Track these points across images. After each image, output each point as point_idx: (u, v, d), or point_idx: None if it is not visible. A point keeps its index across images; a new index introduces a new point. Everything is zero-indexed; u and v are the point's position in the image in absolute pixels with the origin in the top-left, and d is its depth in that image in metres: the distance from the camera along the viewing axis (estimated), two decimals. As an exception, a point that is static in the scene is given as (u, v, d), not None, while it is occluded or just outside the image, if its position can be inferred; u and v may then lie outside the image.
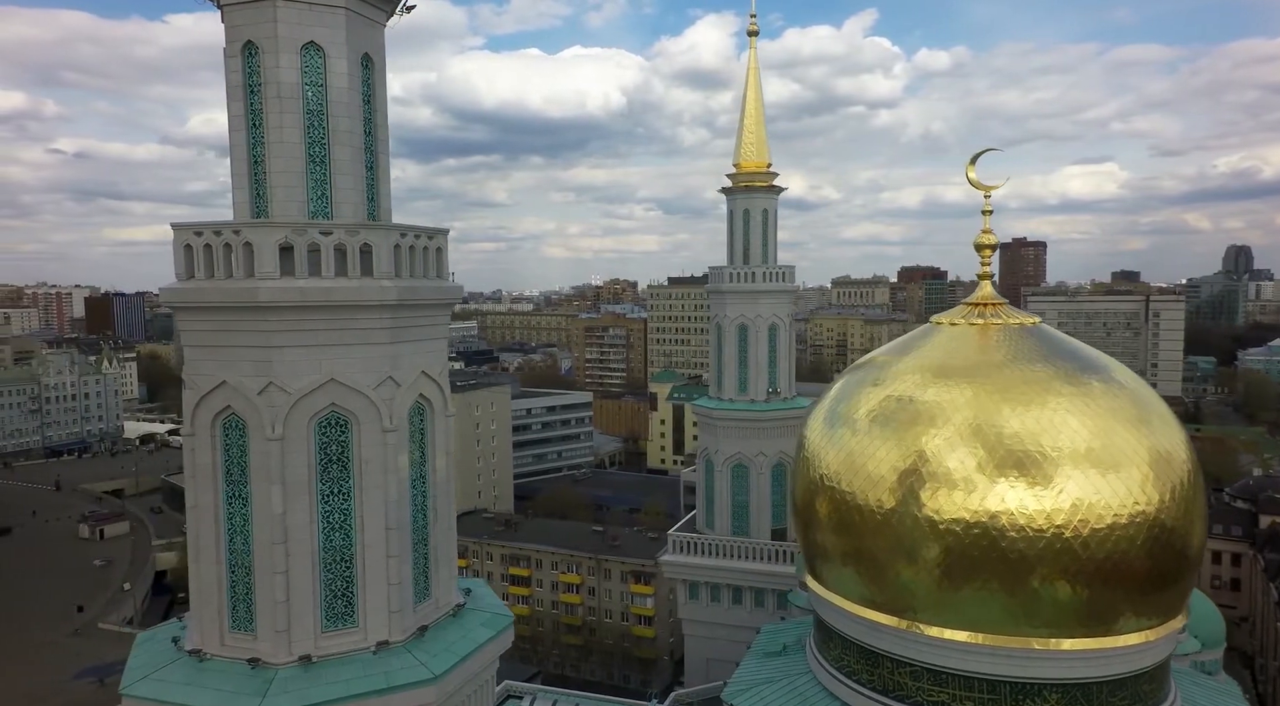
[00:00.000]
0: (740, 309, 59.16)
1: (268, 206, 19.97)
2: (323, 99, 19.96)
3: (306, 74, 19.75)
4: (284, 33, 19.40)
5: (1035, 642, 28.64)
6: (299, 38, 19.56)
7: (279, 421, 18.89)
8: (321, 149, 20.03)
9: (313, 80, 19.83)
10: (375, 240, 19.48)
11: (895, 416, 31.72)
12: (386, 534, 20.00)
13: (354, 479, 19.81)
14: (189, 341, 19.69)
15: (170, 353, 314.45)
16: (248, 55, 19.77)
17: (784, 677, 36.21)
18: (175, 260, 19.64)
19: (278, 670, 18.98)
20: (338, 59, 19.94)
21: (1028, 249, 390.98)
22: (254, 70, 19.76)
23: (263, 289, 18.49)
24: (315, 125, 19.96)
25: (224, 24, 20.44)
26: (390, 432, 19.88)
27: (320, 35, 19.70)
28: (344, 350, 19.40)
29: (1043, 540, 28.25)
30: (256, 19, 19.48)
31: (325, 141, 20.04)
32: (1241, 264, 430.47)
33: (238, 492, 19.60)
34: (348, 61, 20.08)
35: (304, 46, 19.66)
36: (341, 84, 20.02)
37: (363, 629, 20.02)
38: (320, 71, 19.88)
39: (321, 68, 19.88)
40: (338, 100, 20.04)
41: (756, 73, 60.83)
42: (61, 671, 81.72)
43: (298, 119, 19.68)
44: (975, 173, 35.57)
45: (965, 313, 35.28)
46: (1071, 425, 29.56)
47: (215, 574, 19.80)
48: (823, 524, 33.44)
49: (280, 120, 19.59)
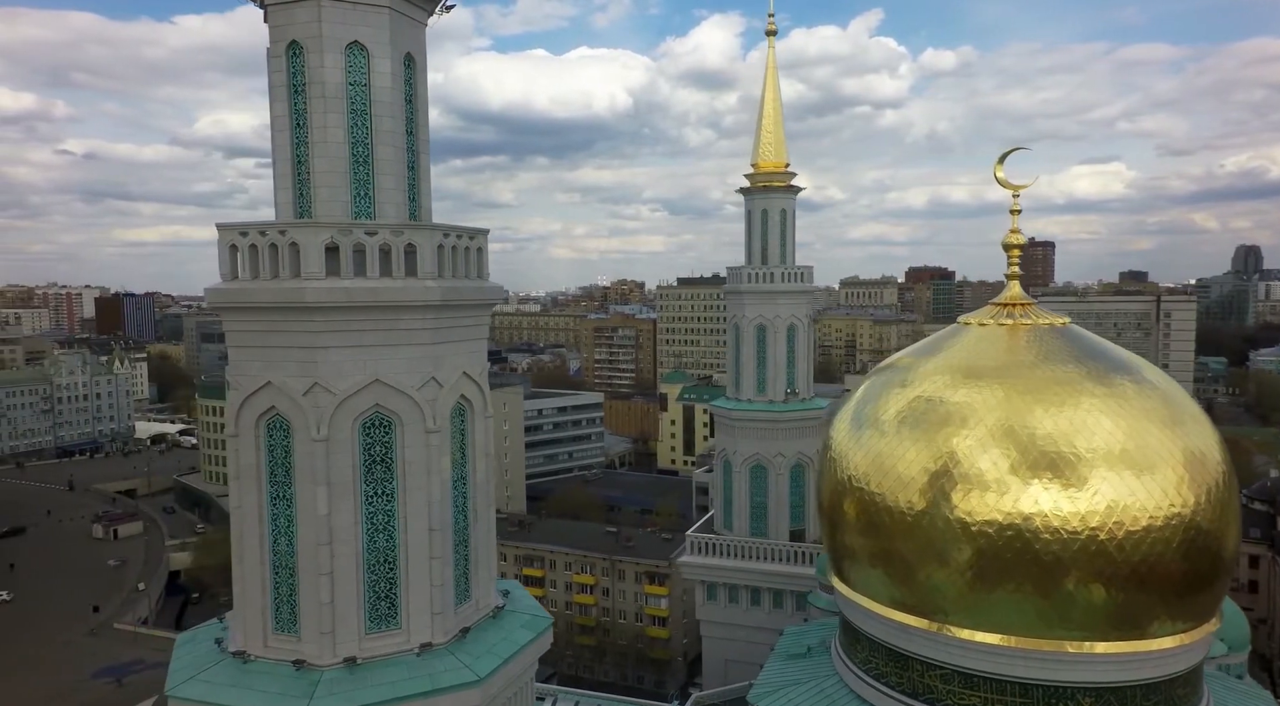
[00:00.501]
0: (759, 309, 59.04)
1: (311, 206, 19.94)
2: (366, 99, 19.92)
3: (350, 74, 19.71)
4: (329, 32, 19.37)
5: (1069, 646, 28.43)
6: (344, 37, 19.53)
7: (324, 422, 18.85)
8: (365, 149, 19.99)
9: (356, 80, 19.80)
10: (419, 240, 19.44)
11: (926, 417, 31.52)
12: (429, 535, 19.94)
13: (397, 480, 19.77)
14: (233, 342, 19.66)
15: (180, 353, 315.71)
16: (292, 55, 19.74)
17: (810, 680, 36.05)
18: (220, 260, 19.61)
19: (323, 672, 18.93)
20: (381, 59, 19.90)
21: (1036, 249, 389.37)
22: (298, 70, 19.73)
23: (309, 289, 18.45)
24: (359, 125, 19.92)
25: (267, 24, 20.42)
26: (433, 433, 19.82)
27: (364, 35, 19.67)
28: (388, 351, 19.36)
29: (1077, 542, 28.04)
30: (301, 19, 19.44)
31: (368, 141, 20.00)
32: (1251, 264, 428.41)
33: (282, 493, 19.57)
34: (391, 61, 20.04)
35: (348, 46, 19.63)
36: (385, 84, 19.99)
37: (406, 630, 19.97)
38: (364, 71, 19.85)
39: (365, 67, 19.85)
40: (381, 100, 20.00)
41: (774, 72, 60.72)
42: (79, 671, 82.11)
43: (342, 119, 19.64)
44: (1004, 171, 35.38)
45: (994, 313, 35.08)
46: (1105, 426, 29.35)
47: (259, 575, 19.74)
48: (851, 525, 33.26)
49: (325, 120, 19.56)
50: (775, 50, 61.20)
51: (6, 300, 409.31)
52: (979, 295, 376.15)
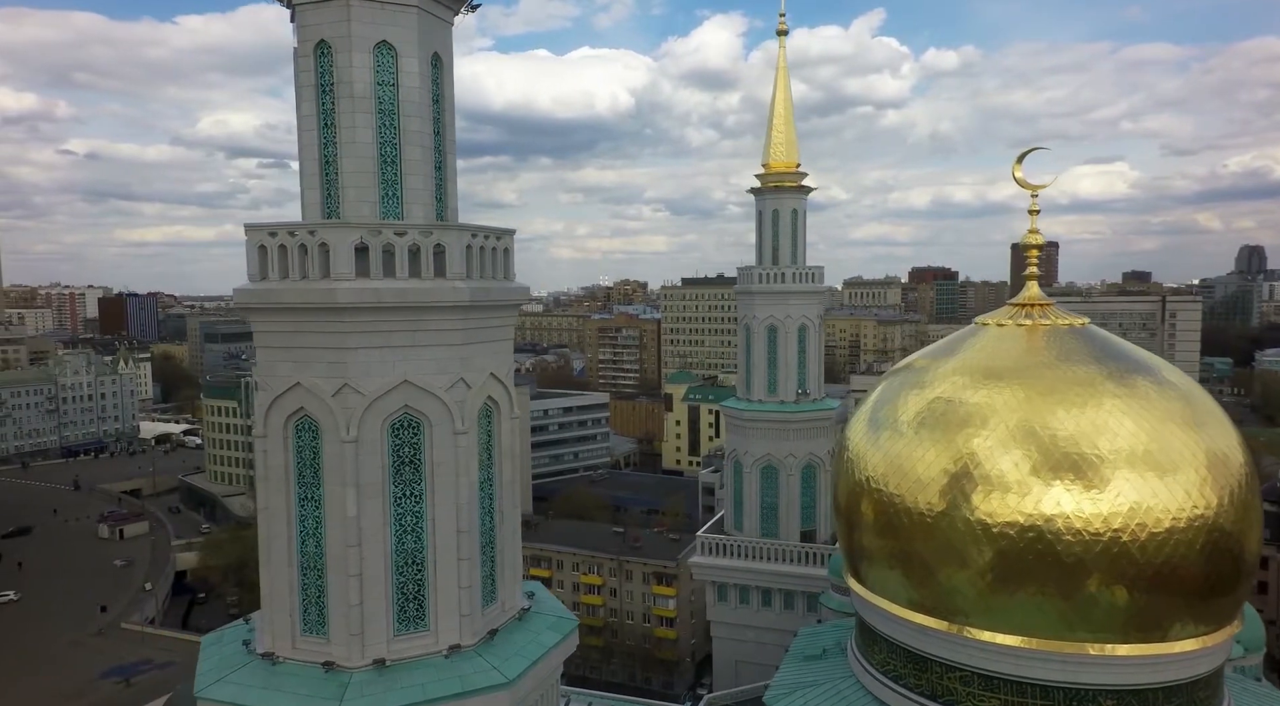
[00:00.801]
0: (770, 310, 58.89)
1: (339, 207, 19.86)
2: (394, 99, 19.84)
3: (379, 73, 19.63)
4: (358, 32, 19.28)
5: (1091, 648, 28.28)
6: (372, 37, 19.45)
7: (353, 423, 18.77)
8: (393, 149, 19.91)
9: (385, 80, 19.72)
10: (448, 241, 19.36)
11: (945, 418, 31.38)
12: (458, 537, 19.86)
13: (425, 481, 19.69)
14: (262, 342, 19.57)
15: (183, 353, 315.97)
16: (320, 55, 19.66)
17: (827, 681, 35.92)
18: (248, 261, 19.52)
19: (352, 673, 18.85)
20: (409, 58, 19.81)
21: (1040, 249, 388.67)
22: (326, 70, 19.65)
23: (340, 290, 18.38)
24: (387, 125, 19.84)
25: (295, 24, 20.34)
26: (461, 435, 19.73)
27: (393, 34, 19.59)
28: (417, 352, 19.28)
29: (1099, 544, 27.89)
30: (330, 18, 19.37)
31: (396, 141, 19.92)
32: (1255, 264, 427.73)
33: (310, 495, 19.49)
34: (419, 61, 19.96)
35: (377, 46, 19.55)
36: (413, 83, 19.90)
37: (434, 632, 19.88)
38: (392, 71, 19.76)
39: (393, 67, 19.76)
40: (409, 100, 19.92)
41: (785, 72, 60.57)
42: (87, 670, 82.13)
43: (370, 119, 19.56)
44: (1022, 171, 35.26)
45: (1012, 313, 34.97)
46: (1127, 427, 29.20)
47: (286, 576, 19.66)
48: (868, 526, 33.13)
49: (353, 120, 19.47)
50: (786, 50, 60.88)
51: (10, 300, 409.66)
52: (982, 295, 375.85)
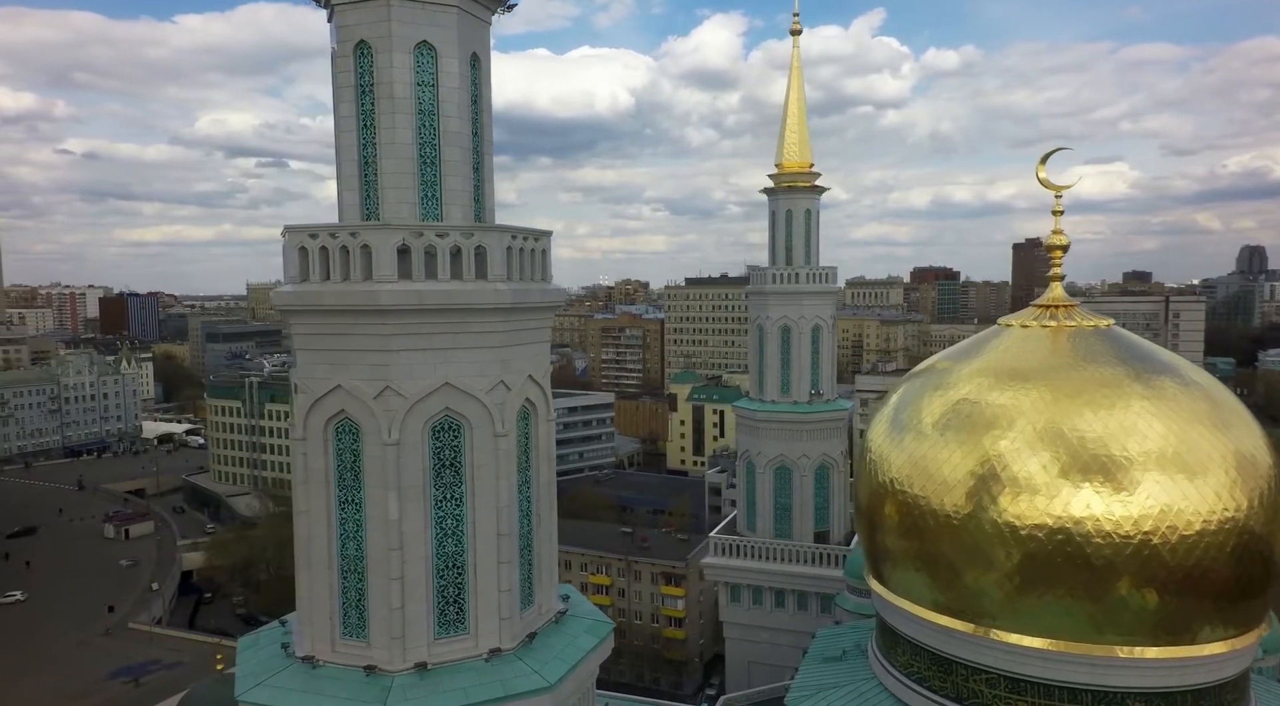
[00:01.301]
0: (783, 310, 58.85)
1: (378, 208, 19.75)
2: (434, 99, 19.73)
3: (419, 74, 19.53)
4: (398, 32, 19.18)
5: (1120, 651, 28.18)
6: (413, 37, 19.33)
7: (395, 426, 18.66)
8: (432, 150, 19.80)
9: (425, 80, 19.61)
10: (489, 242, 19.24)
11: (971, 419, 31.27)
12: (498, 540, 19.75)
13: (466, 484, 19.58)
14: (301, 345, 19.46)
15: (185, 353, 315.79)
16: (360, 55, 19.54)
17: (848, 683, 35.81)
18: (288, 263, 19.41)
19: (394, 677, 18.75)
20: (449, 59, 19.70)
21: (1041, 249, 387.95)
22: (366, 70, 19.54)
23: (383, 292, 18.26)
24: (426, 126, 19.74)
25: (332, 24, 20.23)
26: (502, 437, 19.63)
27: (433, 35, 19.48)
28: (458, 354, 19.17)
29: (1129, 547, 27.78)
30: (370, 19, 19.25)
31: (436, 142, 19.81)
32: (1256, 264, 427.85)
33: (350, 498, 19.38)
34: (459, 61, 19.85)
35: (417, 46, 19.44)
36: (453, 84, 19.80)
37: (474, 636, 19.78)
38: (432, 71, 19.65)
39: (433, 68, 19.65)
40: (449, 100, 19.81)
41: (799, 72, 60.57)
42: (95, 671, 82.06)
43: (410, 120, 19.45)
44: (1045, 172, 35.17)
45: (1036, 314, 34.86)
46: (1157, 428, 29.11)
47: (326, 580, 19.55)
48: (892, 528, 33.02)
49: (393, 121, 19.37)
50: (800, 49, 60.82)
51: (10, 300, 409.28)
52: (984, 295, 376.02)
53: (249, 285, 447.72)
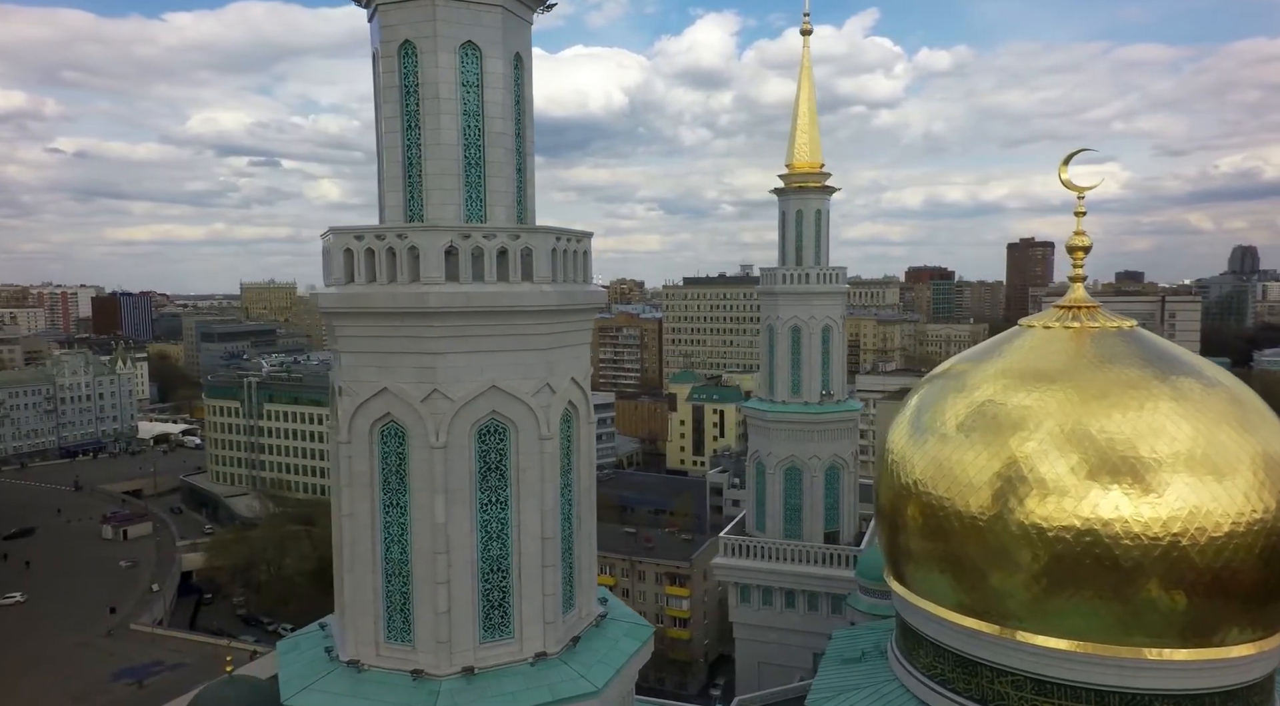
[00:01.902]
0: (794, 310, 58.88)
1: (423, 209, 19.60)
2: (479, 100, 19.58)
3: (463, 74, 19.38)
4: (443, 32, 19.03)
5: (1148, 653, 28.18)
6: (457, 37, 19.19)
7: (443, 429, 18.51)
8: (477, 151, 19.66)
9: (469, 81, 19.46)
10: (535, 244, 19.12)
11: (997, 421, 31.23)
12: (542, 543, 19.64)
13: (511, 487, 19.45)
14: (346, 347, 19.28)
15: (179, 353, 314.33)
16: (404, 55, 19.38)
17: (869, 685, 35.76)
18: (333, 264, 19.22)
19: (441, 681, 18.62)
20: (494, 59, 19.56)
21: (1035, 249, 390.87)
22: (410, 71, 19.37)
23: (432, 294, 18.11)
24: (471, 127, 19.58)
25: (374, 24, 20.07)
26: (547, 440, 19.52)
27: (478, 35, 19.34)
28: (504, 356, 19.04)
29: (1158, 548, 27.80)
30: (415, 19, 19.09)
31: (480, 143, 19.67)
32: (1248, 264, 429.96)
33: (395, 501, 19.24)
34: (503, 61, 19.71)
35: (462, 46, 19.29)
36: (497, 84, 19.65)
37: (518, 640, 19.65)
38: (476, 72, 19.51)
39: (478, 68, 19.51)
40: (493, 101, 19.66)
41: (809, 72, 60.52)
42: (98, 672, 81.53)
43: (455, 120, 19.30)
44: (1068, 173, 35.22)
45: (1059, 315, 34.87)
46: (1185, 430, 29.14)
47: (370, 583, 19.40)
48: (914, 529, 32.97)
49: (438, 121, 19.21)
50: (808, 49, 60.74)
51: (2, 299, 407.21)
52: (978, 295, 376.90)
53: (243, 285, 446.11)
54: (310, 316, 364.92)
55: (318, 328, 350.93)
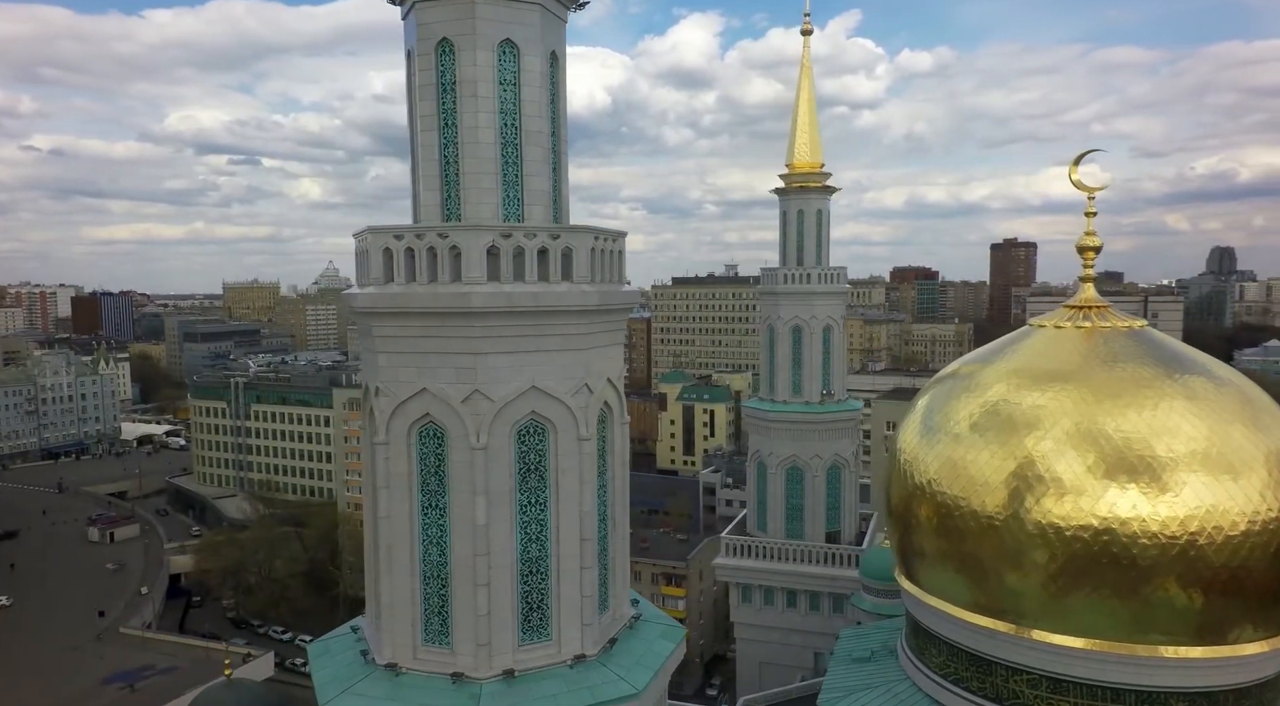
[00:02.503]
0: (794, 310, 59.00)
1: (460, 208, 19.43)
2: (516, 98, 19.44)
3: (501, 72, 19.22)
4: (482, 30, 18.86)
5: (1165, 651, 28.37)
6: (496, 35, 19.02)
7: (484, 430, 18.35)
8: (514, 150, 19.51)
9: (507, 79, 19.31)
10: (575, 243, 19.00)
11: (1012, 420, 31.30)
12: (581, 544, 19.52)
13: (550, 489, 19.32)
14: (384, 347, 19.06)
15: (161, 353, 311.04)
16: (441, 53, 19.20)
17: (881, 684, 35.82)
18: (369, 264, 19.00)
19: (482, 684, 18.45)
20: (531, 57, 19.43)
21: (1018, 250, 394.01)
22: (447, 68, 19.20)
23: (475, 294, 17.94)
24: (508, 125, 19.43)
25: (409, 21, 19.90)
26: (585, 441, 19.41)
27: (516, 33, 19.19)
28: (544, 356, 18.92)
29: (1176, 547, 27.97)
30: (453, 16, 18.91)
31: (517, 142, 19.52)
32: (1226, 264, 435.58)
33: (434, 503, 19.05)
34: (540, 59, 19.59)
35: (500, 44, 19.14)
36: (535, 83, 19.52)
37: (556, 642, 19.52)
38: (514, 70, 19.36)
39: (515, 66, 19.36)
40: (530, 99, 19.52)
41: (809, 72, 60.70)
42: (89, 677, 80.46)
43: (493, 119, 19.14)
44: (1078, 174, 35.46)
45: (1070, 315, 35.10)
46: (1199, 428, 29.35)
47: (408, 586, 19.19)
48: (927, 529, 33.04)
49: (475, 120, 19.04)
50: (809, 50, 60.91)
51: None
52: (962, 295, 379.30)
53: (225, 284, 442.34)
54: (295, 316, 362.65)
55: (302, 328, 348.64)
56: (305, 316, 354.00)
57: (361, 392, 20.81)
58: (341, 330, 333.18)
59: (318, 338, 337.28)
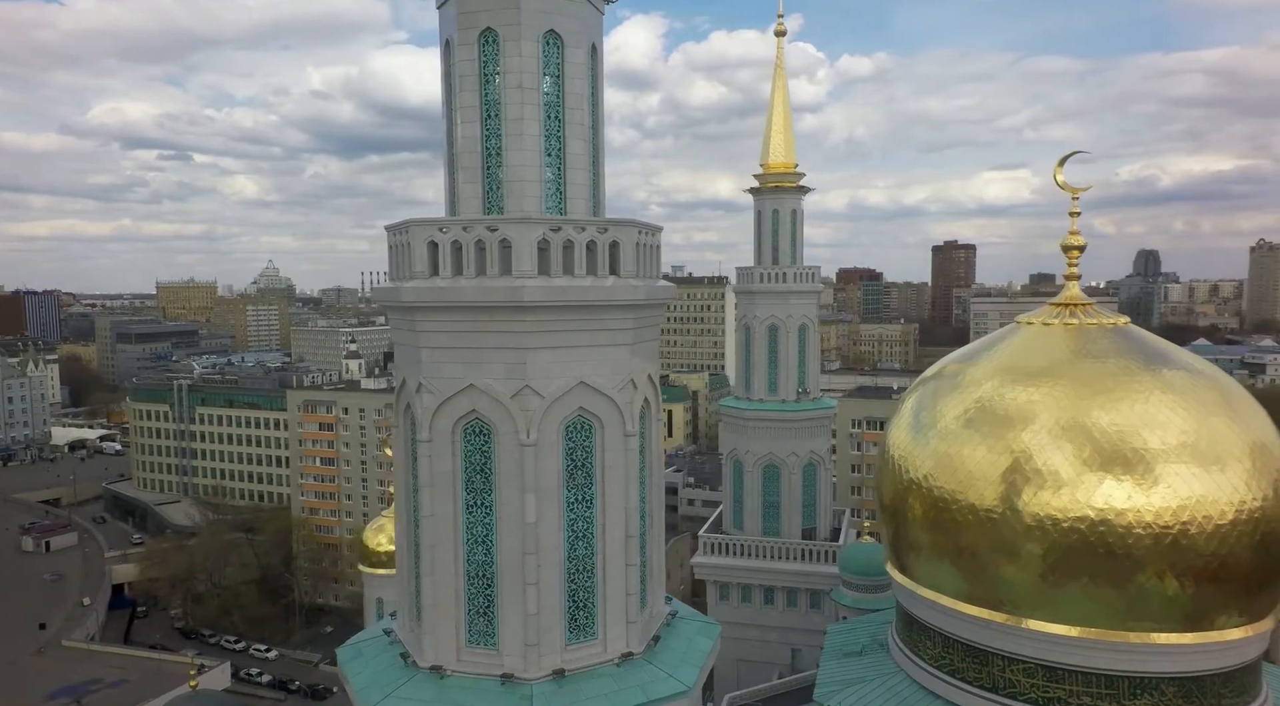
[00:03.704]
0: (771, 309, 59.46)
1: (502, 201, 19.07)
2: (559, 91, 19.17)
3: (545, 63, 18.94)
4: (527, 20, 18.56)
5: (1156, 637, 29.21)
6: (541, 25, 18.74)
7: (533, 426, 18.03)
8: (557, 142, 19.23)
9: (551, 70, 19.04)
10: (623, 238, 18.80)
11: (1005, 416, 31.85)
12: (625, 541, 19.33)
13: (596, 485, 19.09)
14: (428, 342, 18.56)
15: (91, 354, 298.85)
16: (484, 44, 18.82)
17: (875, 677, 36.25)
18: (411, 258, 18.46)
19: (532, 685, 18.12)
20: (575, 49, 19.18)
21: (958, 252, 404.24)
22: (490, 59, 18.83)
23: (528, 288, 17.62)
24: (551, 118, 19.15)
25: (447, 11, 19.48)
26: (631, 437, 19.23)
27: (560, 24, 18.92)
28: (592, 352, 18.68)
29: (1169, 537, 28.83)
30: (496, 5, 18.56)
31: (560, 135, 19.25)
32: (1151, 267, 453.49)
33: (479, 501, 18.64)
34: (584, 51, 19.36)
35: (544, 35, 18.85)
36: (578, 75, 19.28)
37: (602, 641, 19.28)
38: (558, 62, 19.09)
39: (559, 58, 19.09)
40: (573, 92, 19.27)
41: (783, 73, 61.34)
42: (32, 692, 77.01)
43: (537, 111, 18.84)
44: (1064, 175, 36.32)
45: (1055, 313, 35.93)
46: (1186, 421, 30.29)
47: (452, 587, 18.75)
48: (920, 522, 33.45)
49: (521, 112, 18.71)
50: (783, 51, 61.51)
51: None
52: (905, 295, 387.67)
53: (159, 284, 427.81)
54: (235, 317, 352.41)
55: (242, 328, 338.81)
56: (246, 317, 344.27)
57: (396, 390, 20.25)
58: (284, 331, 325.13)
59: (259, 338, 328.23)
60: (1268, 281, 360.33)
